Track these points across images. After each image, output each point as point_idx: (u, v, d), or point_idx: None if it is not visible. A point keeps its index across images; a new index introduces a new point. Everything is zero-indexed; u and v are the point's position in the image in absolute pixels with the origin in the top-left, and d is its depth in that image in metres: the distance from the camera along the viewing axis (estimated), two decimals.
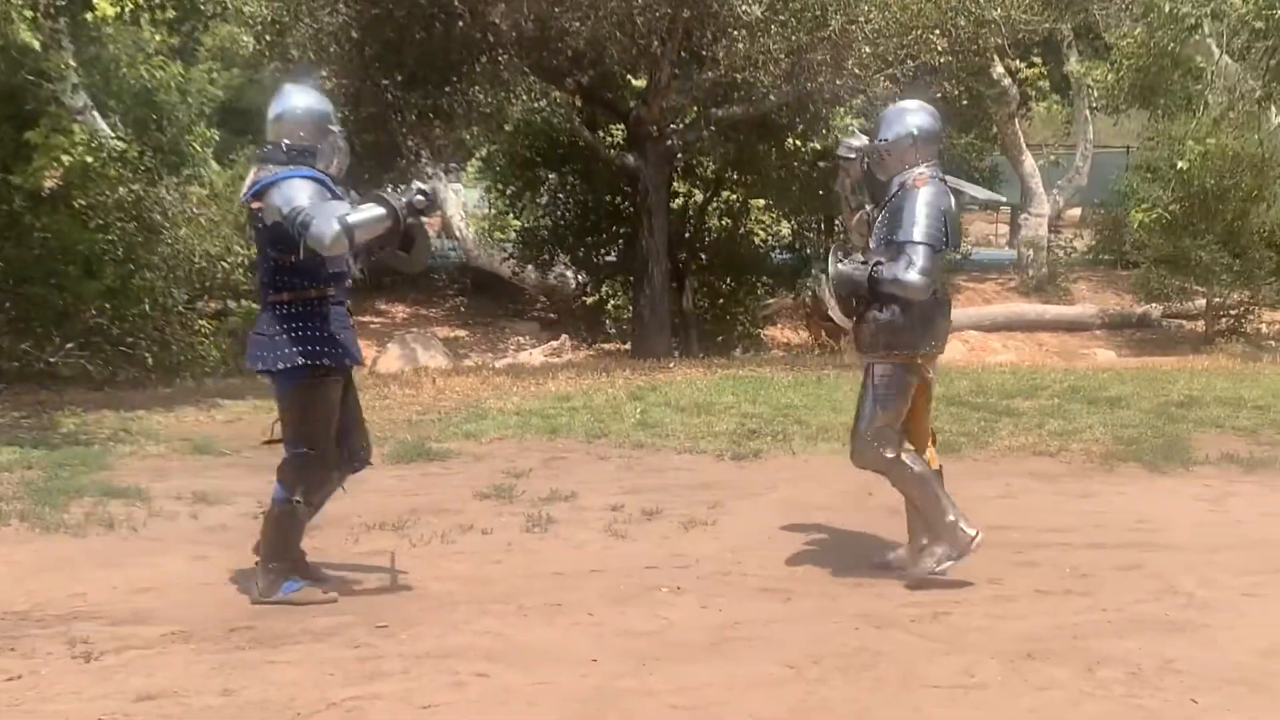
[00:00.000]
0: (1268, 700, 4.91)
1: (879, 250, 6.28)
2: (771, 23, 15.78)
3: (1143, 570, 6.64)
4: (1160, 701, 4.93)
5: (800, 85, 16.27)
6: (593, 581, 6.49)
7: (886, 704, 4.92)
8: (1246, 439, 9.81)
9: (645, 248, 17.81)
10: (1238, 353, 17.08)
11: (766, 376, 13.15)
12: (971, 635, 5.68)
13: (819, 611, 6.01)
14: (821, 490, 8.30)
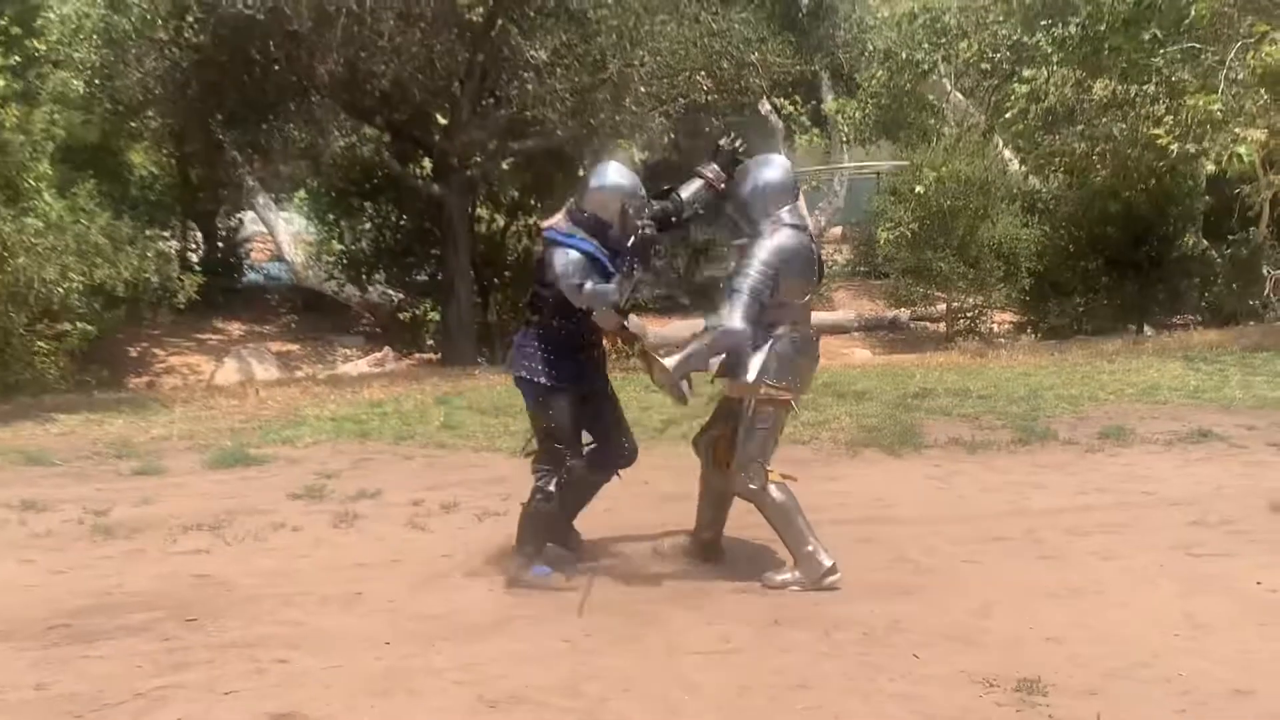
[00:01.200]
0: (978, 652, 5.05)
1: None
2: (557, 66, 15.91)
3: (877, 543, 6.78)
4: (887, 658, 5.04)
5: (585, 121, 16.38)
6: (392, 571, 6.40)
7: (651, 670, 4.94)
8: (970, 424, 10.05)
9: (452, 267, 17.76)
10: (970, 349, 17.55)
11: None
12: (729, 605, 5.74)
13: (597, 589, 6.01)
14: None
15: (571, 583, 6.08)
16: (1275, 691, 4.63)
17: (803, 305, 6.11)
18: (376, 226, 23.26)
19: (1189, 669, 4.86)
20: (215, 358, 21.09)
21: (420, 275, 22.86)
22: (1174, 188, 19.37)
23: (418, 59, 15.77)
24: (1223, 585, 5.93)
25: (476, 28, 16.64)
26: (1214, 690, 4.64)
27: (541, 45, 15.88)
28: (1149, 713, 4.45)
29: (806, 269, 6.04)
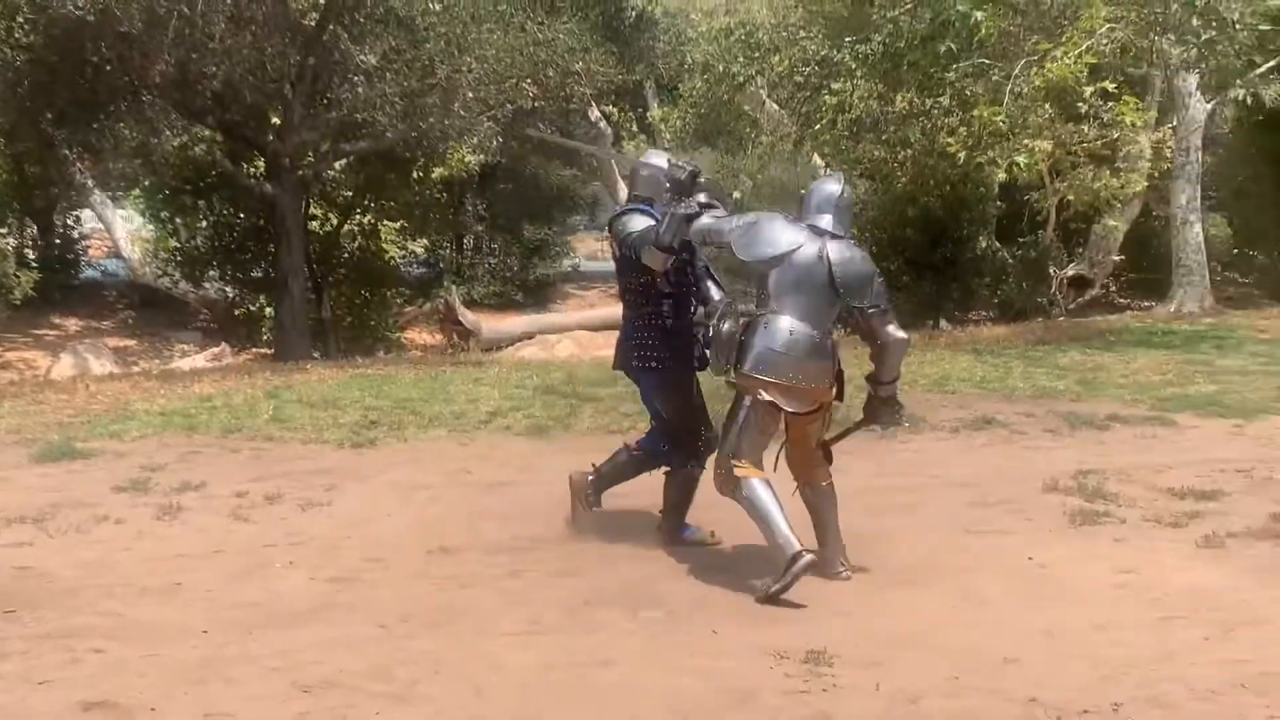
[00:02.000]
0: (774, 627, 5.13)
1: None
2: (386, 70, 15.76)
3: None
4: (688, 634, 5.10)
5: (415, 124, 16.23)
6: (213, 562, 6.22)
7: (463, 652, 4.91)
8: None
9: (285, 265, 17.40)
10: None
11: (391, 374, 12.94)
12: (541, 589, 5.74)
13: (413, 576, 5.96)
14: (427, 472, 8.19)
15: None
16: (1040, 659, 4.80)
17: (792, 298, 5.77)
18: (212, 224, 22.71)
19: (963, 639, 5.01)
20: (52, 353, 20.39)
21: (255, 272, 22.38)
22: (968, 194, 19.95)
23: (249, 61, 15.45)
24: (998, 561, 6.13)
25: (307, 32, 16.34)
26: (985, 659, 4.79)
27: (371, 50, 15.72)
28: (924, 680, 4.57)
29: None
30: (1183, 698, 4.40)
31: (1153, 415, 10.00)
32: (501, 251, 27.77)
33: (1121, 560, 6.10)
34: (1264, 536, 6.48)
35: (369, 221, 23.36)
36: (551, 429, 9.62)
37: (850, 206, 6.04)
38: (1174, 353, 13.97)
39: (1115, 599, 5.53)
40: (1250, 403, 10.50)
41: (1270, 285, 26.21)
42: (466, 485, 7.81)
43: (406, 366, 14.27)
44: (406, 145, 17.60)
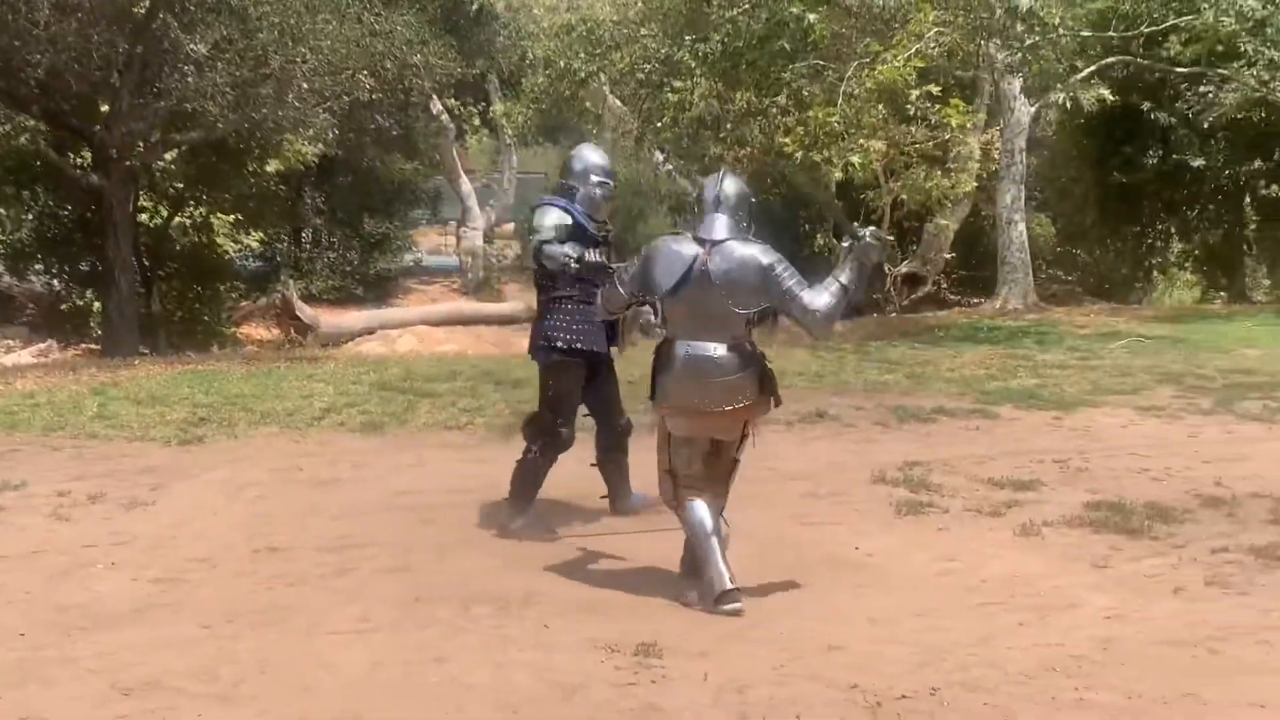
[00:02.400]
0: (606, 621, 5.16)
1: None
2: (218, 60, 15.40)
3: None
4: (520, 629, 5.09)
5: (247, 115, 15.89)
6: (32, 562, 6.04)
7: (290, 651, 4.83)
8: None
9: (112, 258, 16.90)
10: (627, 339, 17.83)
11: (223, 370, 12.67)
12: (372, 586, 5.68)
13: (239, 575, 5.85)
14: (256, 469, 8.05)
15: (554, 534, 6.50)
16: (862, 646, 4.91)
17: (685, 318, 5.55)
18: (37, 215, 21.88)
19: (790, 628, 5.11)
20: None
21: (82, 265, 21.64)
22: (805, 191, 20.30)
23: (75, 49, 14.98)
24: (827, 551, 6.26)
25: (136, 19, 15.89)
26: (810, 647, 4.88)
27: (202, 39, 15.35)
28: (751, 670, 4.64)
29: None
30: (997, 681, 4.54)
31: (976, 408, 10.33)
32: (341, 245, 27.41)
33: (943, 549, 6.28)
34: (1077, 525, 6.73)
35: (201, 214, 22.78)
36: (387, 425, 9.51)
37: (742, 199, 5.66)
38: (998, 348, 14.45)
39: (936, 587, 5.69)
40: (1068, 396, 10.92)
41: (1091, 282, 27.31)
42: (297, 483, 7.70)
43: (239, 362, 13.97)
44: (239, 136, 17.24)
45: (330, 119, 16.94)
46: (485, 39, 28.07)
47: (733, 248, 5.49)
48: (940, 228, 22.45)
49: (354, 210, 27.34)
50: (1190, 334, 16.05)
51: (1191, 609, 5.37)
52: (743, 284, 5.45)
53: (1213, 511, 7.03)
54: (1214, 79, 19.96)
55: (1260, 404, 10.53)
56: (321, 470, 8.06)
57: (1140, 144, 23.26)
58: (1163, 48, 20.14)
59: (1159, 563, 6.05)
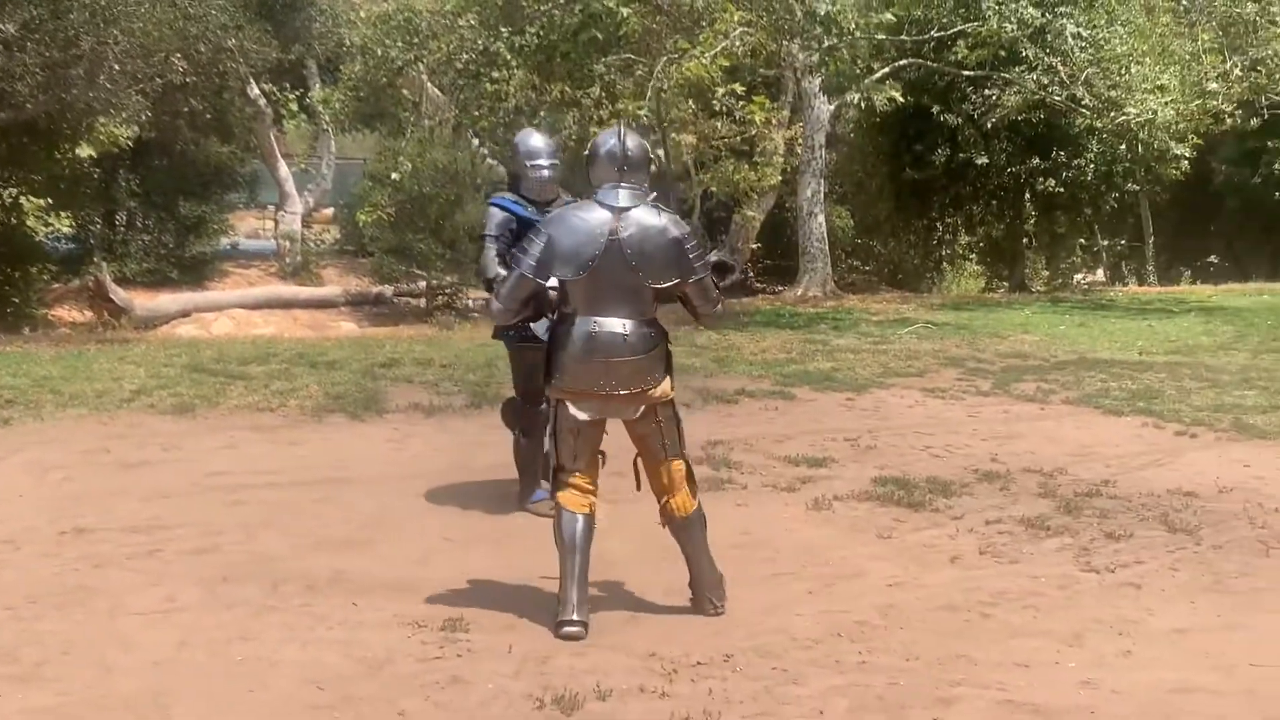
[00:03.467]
0: (413, 598, 5.11)
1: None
2: (27, 40, 14.65)
3: (332, 502, 6.73)
4: (328, 607, 5.01)
5: (58, 96, 15.18)
6: None
7: (93, 633, 4.70)
8: (430, 391, 10.12)
9: None
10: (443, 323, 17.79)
11: (31, 352, 12.14)
12: (176, 567, 5.52)
13: (43, 556, 5.63)
14: (63, 451, 7.73)
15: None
16: (660, 617, 4.99)
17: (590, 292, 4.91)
18: None
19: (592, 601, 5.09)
20: None
21: None
22: None
23: None
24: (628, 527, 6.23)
25: None
26: (612, 618, 4.94)
27: (10, 19, 14.56)
28: (554, 641, 4.67)
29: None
30: (786, 647, 4.66)
31: (776, 390, 10.54)
32: (156, 228, 26.37)
33: (740, 523, 6.39)
34: (865, 499, 6.94)
35: (11, 195, 21.70)
36: (198, 407, 9.22)
37: (643, 159, 4.99)
38: (798, 333, 14.77)
39: (731, 558, 5.73)
40: (860, 378, 11.22)
41: (885, 272, 28.13)
42: (105, 465, 7.43)
43: (49, 344, 13.42)
44: (50, 118, 16.44)
45: (143, 101, 16.31)
46: (302, 24, 27.35)
47: (642, 215, 4.88)
48: (747, 219, 22.85)
49: (169, 193, 26.35)
50: (973, 320, 16.67)
51: (966, 576, 5.58)
52: (655, 257, 4.87)
53: (988, 486, 7.32)
54: (997, 82, 20.73)
55: (1034, 386, 10.98)
56: (130, 452, 7.78)
57: (930, 142, 23.97)
58: (951, 52, 20.83)
59: (938, 534, 6.28)
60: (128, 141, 22.42)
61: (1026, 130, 22.95)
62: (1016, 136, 23.23)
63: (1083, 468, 7.81)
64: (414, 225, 21.82)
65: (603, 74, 15.71)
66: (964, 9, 20.02)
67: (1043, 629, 4.92)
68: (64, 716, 3.97)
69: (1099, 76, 19.09)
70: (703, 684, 4.28)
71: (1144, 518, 6.65)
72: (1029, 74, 19.68)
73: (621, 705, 4.11)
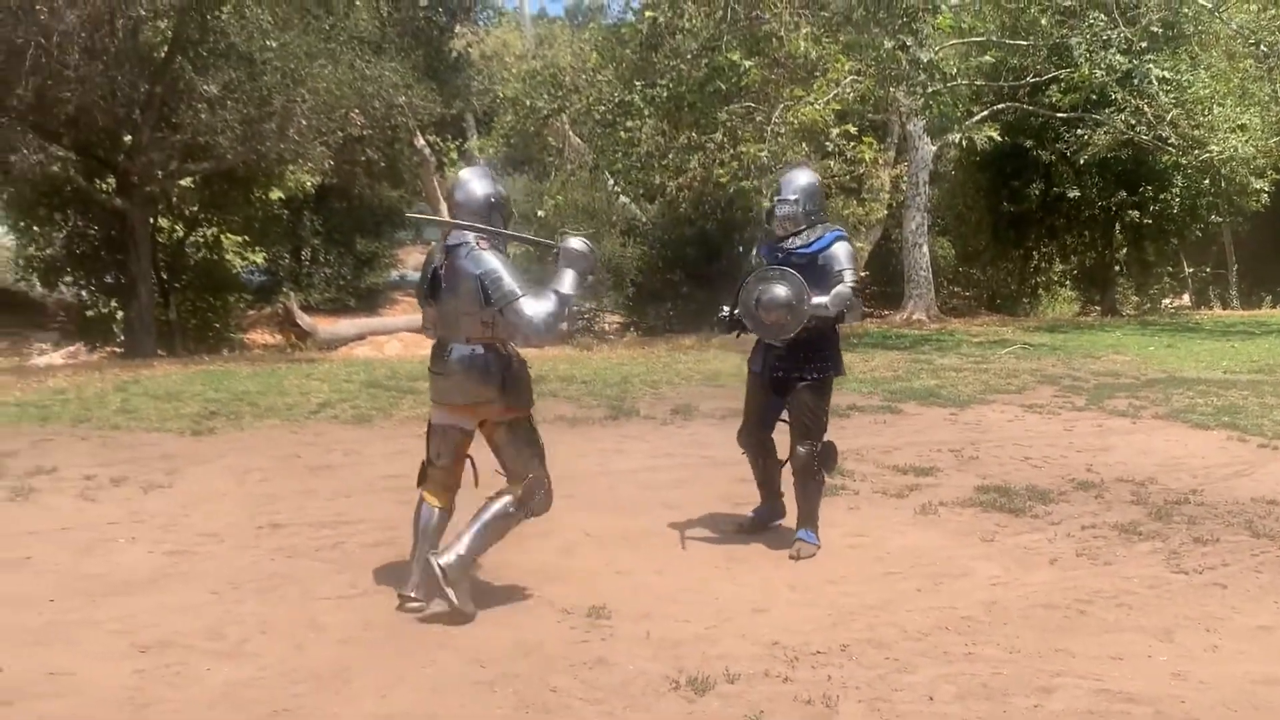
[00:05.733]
0: (561, 586, 5.15)
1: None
2: (227, 99, 15.26)
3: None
4: (488, 593, 5.08)
5: (253, 147, 15.76)
6: (61, 538, 5.95)
7: (286, 615, 4.83)
8: (573, 404, 10.23)
9: (133, 271, 16.73)
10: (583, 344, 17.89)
11: (231, 370, 12.58)
12: (359, 558, 5.66)
13: (244, 548, 5.81)
14: (260, 456, 7.98)
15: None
16: (783, 609, 4.96)
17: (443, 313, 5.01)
18: (67, 234, 21.52)
19: (722, 593, 5.15)
20: None
21: (107, 278, 21.33)
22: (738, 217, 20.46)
23: (101, 88, 14.82)
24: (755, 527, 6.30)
25: (155, 63, 15.77)
26: (739, 609, 4.93)
27: (214, 80, 15.19)
28: (687, 629, 4.68)
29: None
30: (897, 638, 4.61)
31: (884, 405, 10.42)
32: (336, 262, 27.24)
33: (854, 526, 6.35)
34: (969, 505, 6.82)
35: (213, 234, 22.61)
36: (374, 418, 9.48)
37: (477, 203, 4.94)
38: (904, 353, 14.58)
39: (847, 558, 5.75)
40: (962, 394, 11.03)
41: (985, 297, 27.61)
42: (296, 468, 7.65)
43: (245, 363, 13.87)
44: (247, 166, 17.11)
45: (326, 152, 16.85)
46: (462, 83, 28.01)
47: (457, 255, 4.86)
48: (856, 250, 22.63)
49: (347, 231, 27.21)
50: (1068, 341, 16.28)
51: (1064, 577, 5.46)
52: (457, 285, 4.85)
53: (1083, 494, 7.14)
54: (1089, 123, 20.31)
55: (1126, 402, 10.69)
56: (317, 457, 8.01)
57: (1026, 178, 23.58)
58: (1046, 95, 20.48)
59: (1037, 537, 6.14)
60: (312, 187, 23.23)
61: (1116, 166, 22.41)
62: (1107, 172, 22.71)
63: (1172, 478, 7.59)
64: None
65: (725, 121, 15.73)
66: (1057, 56, 19.64)
67: (1135, 625, 4.80)
68: (262, 687, 4.10)
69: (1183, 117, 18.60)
70: (822, 670, 4.26)
71: (1229, 524, 6.44)
72: (1118, 115, 19.25)
73: (748, 687, 4.10)
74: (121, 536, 6.01)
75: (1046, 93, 20.53)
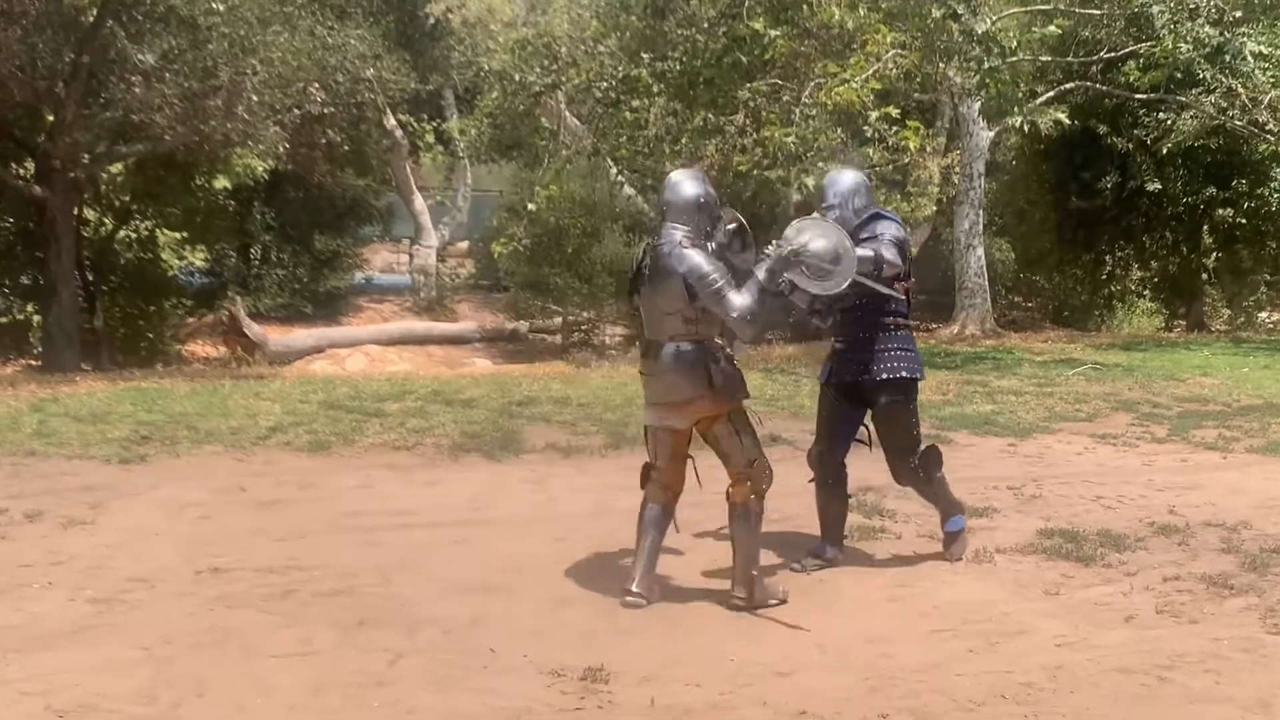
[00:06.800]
0: (552, 645, 5.15)
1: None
2: (166, 71, 15.32)
3: (469, 543, 6.84)
4: (465, 653, 5.09)
5: (195, 127, 15.80)
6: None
7: (227, 675, 4.82)
8: (567, 430, 10.28)
9: (54, 271, 16.77)
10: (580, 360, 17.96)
11: (167, 388, 12.62)
12: (312, 609, 5.66)
13: (180, 596, 5.82)
14: (199, 488, 8.01)
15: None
16: (811, 672, 4.95)
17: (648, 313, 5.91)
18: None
19: (739, 652, 5.13)
20: None
21: (23, 279, 21.33)
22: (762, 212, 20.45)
23: (19, 57, 14.89)
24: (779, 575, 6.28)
25: (82, 28, 15.79)
26: (758, 672, 4.91)
27: (150, 49, 15.27)
28: (698, 694, 4.67)
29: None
30: (946, 708, 4.59)
31: (932, 433, 10.34)
32: (290, 262, 27.21)
33: (895, 574, 6.34)
34: (1030, 552, 6.81)
35: (147, 228, 22.61)
36: (334, 445, 9.50)
37: (687, 204, 5.73)
38: (955, 373, 14.58)
39: (887, 613, 5.74)
40: (1023, 422, 11.03)
41: (1050, 309, 27.57)
42: (240, 503, 7.68)
43: (184, 379, 13.91)
44: (187, 149, 17.13)
45: (280, 133, 16.88)
46: (440, 54, 28.09)
47: (660, 252, 5.70)
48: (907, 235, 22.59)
49: (304, 227, 27.21)
50: (1147, 361, 16.28)
51: (1142, 637, 5.43)
52: (658, 280, 5.71)
53: (1165, 540, 7.12)
54: (1172, 105, 20.28)
55: (1215, 433, 10.68)
56: (266, 490, 8.03)
57: (1098, 170, 23.56)
58: (1121, 73, 20.46)
59: (1110, 590, 6.12)
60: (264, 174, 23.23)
61: (1204, 157, 22.40)
62: (1193, 163, 22.70)
63: (1269, 521, 7.56)
64: (550, 259, 22.12)
65: (747, 100, 15.74)
66: (1135, 28, 19.63)
67: (1226, 695, 4.77)
68: None
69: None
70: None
71: None
72: (1206, 96, 19.23)
73: None
74: (37, 581, 6.02)
75: (1123, 70, 20.49)
